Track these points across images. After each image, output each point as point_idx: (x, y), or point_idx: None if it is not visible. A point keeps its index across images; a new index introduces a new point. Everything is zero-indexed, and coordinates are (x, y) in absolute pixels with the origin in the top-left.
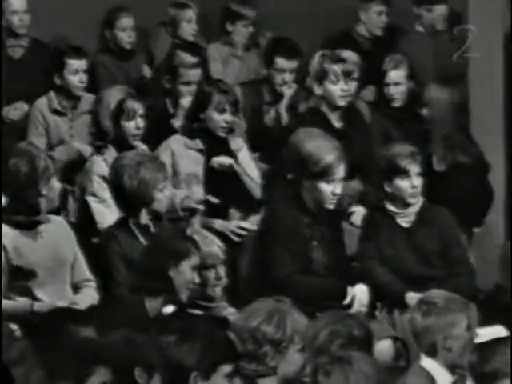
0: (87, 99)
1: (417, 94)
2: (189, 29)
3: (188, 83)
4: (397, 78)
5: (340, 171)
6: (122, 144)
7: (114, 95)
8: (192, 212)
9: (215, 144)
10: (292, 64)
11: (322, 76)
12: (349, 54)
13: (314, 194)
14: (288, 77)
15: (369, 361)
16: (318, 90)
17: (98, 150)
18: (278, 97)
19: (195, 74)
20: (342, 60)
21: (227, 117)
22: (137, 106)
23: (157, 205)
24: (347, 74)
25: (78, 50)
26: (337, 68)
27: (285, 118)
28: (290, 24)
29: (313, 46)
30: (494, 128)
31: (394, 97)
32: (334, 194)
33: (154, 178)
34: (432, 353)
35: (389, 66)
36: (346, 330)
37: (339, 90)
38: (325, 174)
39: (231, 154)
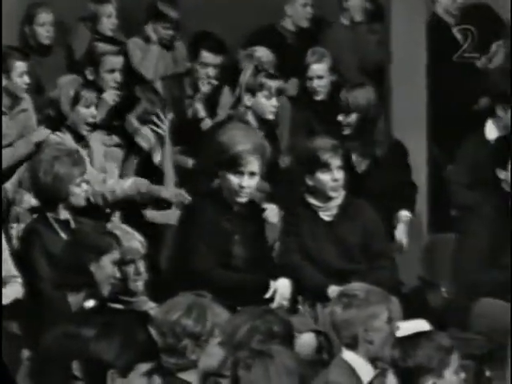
0: (25, 99)
1: (339, 86)
2: (108, 24)
3: (112, 71)
4: (319, 71)
5: (251, 165)
6: (76, 131)
7: (71, 83)
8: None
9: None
10: (217, 59)
11: (256, 89)
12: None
13: (225, 185)
14: (212, 72)
15: (290, 354)
16: (248, 101)
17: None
18: (200, 91)
19: (118, 61)
20: (277, 77)
21: (146, 129)
22: (92, 96)
23: (74, 199)
24: (281, 92)
25: (21, 52)
26: (273, 85)
27: (200, 113)
28: (214, 19)
29: (236, 42)
30: (417, 124)
31: (317, 90)
32: (242, 187)
33: (69, 172)
34: (353, 345)
35: (311, 59)
36: (266, 325)
37: (270, 105)
38: (233, 164)
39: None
